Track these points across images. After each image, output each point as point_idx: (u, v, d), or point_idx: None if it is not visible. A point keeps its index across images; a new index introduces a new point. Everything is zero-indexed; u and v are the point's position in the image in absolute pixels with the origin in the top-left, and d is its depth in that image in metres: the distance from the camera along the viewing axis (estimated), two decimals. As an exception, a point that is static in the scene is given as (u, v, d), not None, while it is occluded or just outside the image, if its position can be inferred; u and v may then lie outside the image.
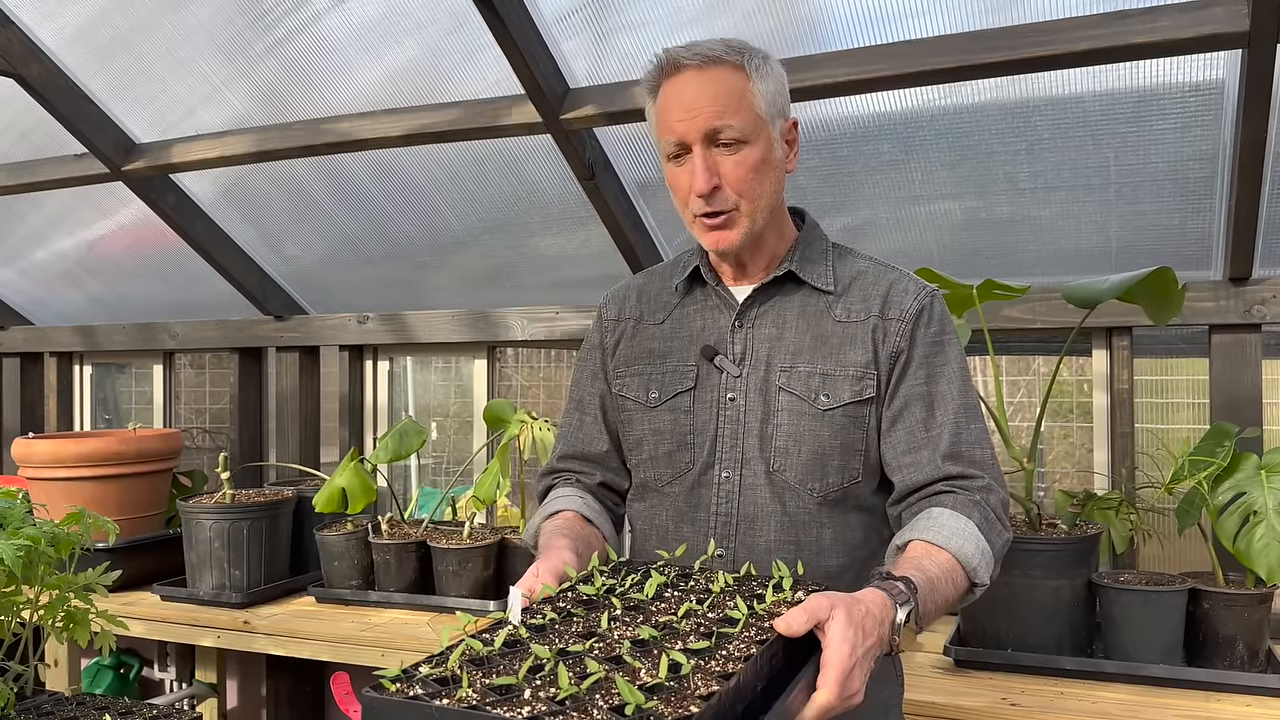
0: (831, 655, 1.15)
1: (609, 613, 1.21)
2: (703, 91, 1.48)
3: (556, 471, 1.78)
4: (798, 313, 1.59)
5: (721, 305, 1.63)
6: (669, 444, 1.61)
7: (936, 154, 2.45)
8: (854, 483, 1.54)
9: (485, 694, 0.95)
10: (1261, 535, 2.02)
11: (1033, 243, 2.60)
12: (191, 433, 4.06)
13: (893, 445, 1.54)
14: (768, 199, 1.53)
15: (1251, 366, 2.45)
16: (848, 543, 1.56)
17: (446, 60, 2.61)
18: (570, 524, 1.61)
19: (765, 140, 1.50)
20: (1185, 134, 2.24)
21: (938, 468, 1.50)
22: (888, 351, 1.54)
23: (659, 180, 2.76)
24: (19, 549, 1.55)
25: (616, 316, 1.74)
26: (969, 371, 1.59)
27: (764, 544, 1.55)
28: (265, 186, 3.19)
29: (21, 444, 3.07)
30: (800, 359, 1.55)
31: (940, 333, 1.56)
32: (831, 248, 1.64)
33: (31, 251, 3.83)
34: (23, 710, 1.59)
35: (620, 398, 1.69)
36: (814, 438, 1.53)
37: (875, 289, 1.57)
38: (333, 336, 3.61)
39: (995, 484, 1.51)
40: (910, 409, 1.53)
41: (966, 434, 1.52)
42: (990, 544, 1.44)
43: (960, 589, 1.41)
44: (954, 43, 2.14)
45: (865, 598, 1.24)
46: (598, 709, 0.92)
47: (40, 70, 2.80)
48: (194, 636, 2.79)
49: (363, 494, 2.84)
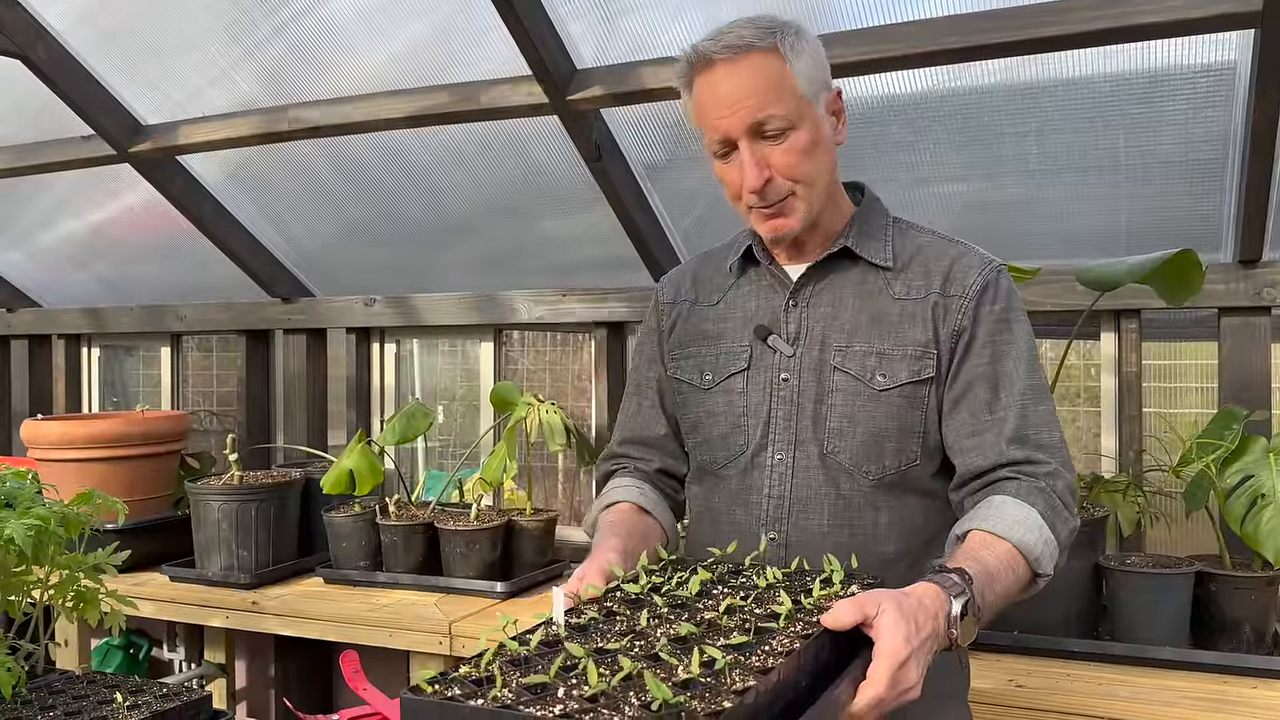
0: (884, 646, 1.12)
1: (650, 611, 1.20)
2: (739, 85, 1.44)
3: (615, 457, 1.77)
4: (854, 290, 1.54)
5: (775, 284, 1.60)
6: (723, 426, 1.58)
7: (945, 136, 2.43)
8: (911, 465, 1.50)
9: (520, 693, 0.95)
10: (1269, 518, 2.02)
11: (1042, 225, 2.59)
12: (199, 415, 4.07)
13: (955, 428, 1.49)
14: (823, 180, 1.50)
15: (1261, 349, 2.43)
16: (905, 527, 1.52)
17: (453, 42, 2.60)
18: (625, 518, 1.60)
19: (811, 121, 1.46)
20: (1196, 115, 2.23)
21: (1001, 452, 1.44)
22: (949, 330, 1.49)
23: (666, 162, 2.76)
24: (29, 529, 1.55)
25: (672, 299, 1.72)
26: (1037, 350, 1.53)
27: (816, 528, 1.51)
28: (272, 169, 3.18)
29: (31, 425, 3.08)
30: (856, 338, 1.51)
31: (1007, 310, 1.50)
32: (892, 222, 1.60)
33: (39, 234, 3.84)
34: (34, 688, 1.60)
35: (676, 380, 1.67)
36: (869, 419, 1.49)
37: (937, 264, 1.52)
38: (340, 319, 3.61)
39: (1062, 468, 1.45)
40: (973, 390, 1.48)
41: (1033, 416, 1.46)
42: (1055, 532, 1.39)
43: (1022, 580, 1.37)
44: (963, 22, 2.13)
45: (917, 591, 1.21)
46: (630, 705, 0.92)
47: (47, 51, 2.80)
48: (203, 617, 2.80)
49: (370, 476, 2.85)
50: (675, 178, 2.79)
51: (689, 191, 2.81)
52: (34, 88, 2.90)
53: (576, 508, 3.46)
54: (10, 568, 1.63)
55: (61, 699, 1.54)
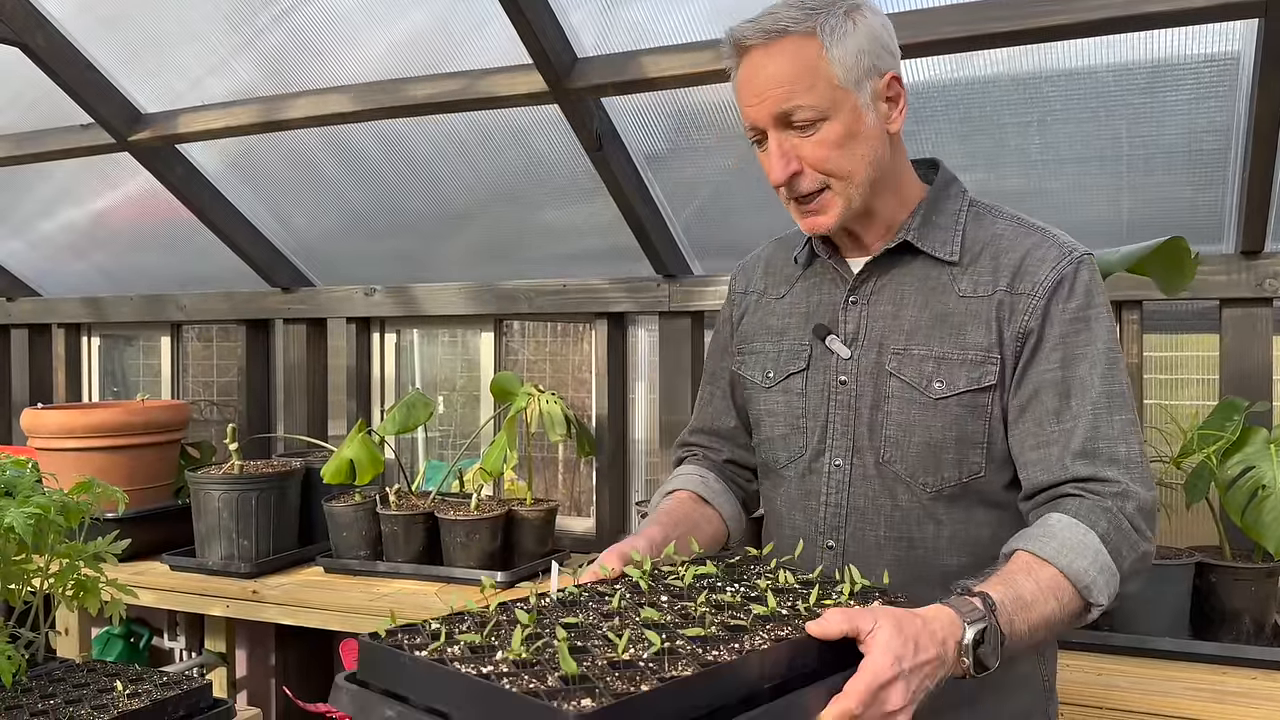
0: (869, 662, 1.06)
1: (637, 597, 1.21)
2: (770, 73, 1.36)
3: (686, 445, 1.74)
4: (917, 287, 1.44)
5: (837, 279, 1.51)
6: (783, 427, 1.53)
7: (947, 126, 2.43)
8: (975, 476, 1.40)
9: (463, 652, 1.01)
10: (1270, 509, 2.02)
11: (1044, 216, 2.55)
12: (199, 405, 4.07)
13: (1019, 438, 1.37)
14: (863, 172, 1.39)
15: (1262, 341, 2.43)
16: (971, 541, 1.42)
17: (454, 31, 2.59)
18: (678, 506, 1.58)
19: (849, 110, 1.36)
20: (1199, 106, 2.22)
21: (1065, 468, 1.33)
22: (1014, 331, 1.37)
23: (667, 152, 2.75)
24: (29, 517, 1.55)
25: (744, 289, 1.67)
26: (1119, 352, 1.38)
27: (874, 539, 1.43)
28: (272, 158, 3.17)
29: (31, 414, 3.08)
30: (915, 340, 1.41)
31: (1085, 307, 1.37)
32: (968, 207, 1.48)
33: (39, 223, 3.83)
34: (35, 676, 1.60)
35: (739, 375, 1.63)
36: (925, 429, 1.39)
37: (1008, 256, 1.40)
38: (340, 309, 3.61)
39: (1135, 486, 1.31)
40: (1040, 398, 1.36)
41: (1106, 427, 1.33)
42: (1118, 558, 1.27)
43: (1070, 608, 1.25)
44: (964, 11, 2.12)
45: (927, 613, 1.14)
46: (551, 675, 0.94)
47: (46, 39, 2.79)
48: (203, 606, 2.81)
49: (370, 465, 2.85)
50: (676, 167, 2.78)
51: (690, 181, 2.80)
52: (33, 76, 2.89)
53: (577, 498, 3.46)
54: (10, 556, 1.64)
55: (62, 687, 1.55)
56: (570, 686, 0.91)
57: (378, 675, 1.04)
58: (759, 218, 2.74)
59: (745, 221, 2.84)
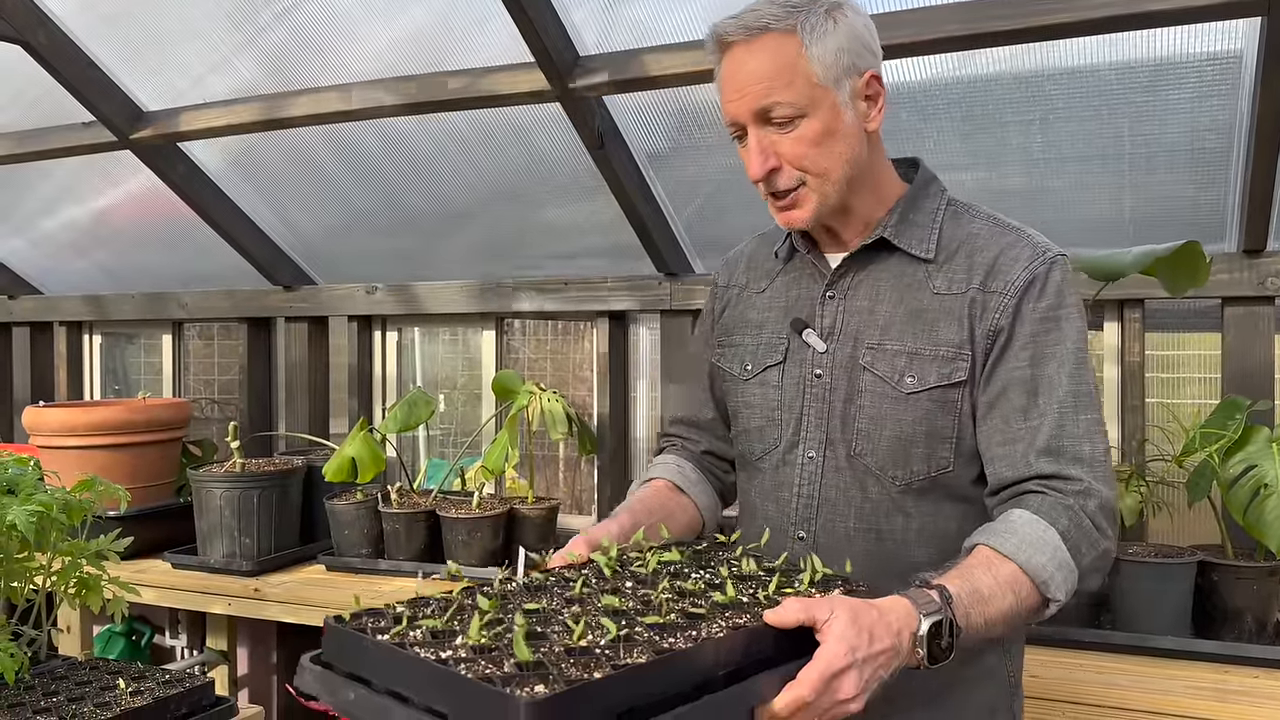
0: (823, 650, 1.08)
1: (600, 583, 1.23)
2: (750, 69, 1.39)
3: (667, 435, 1.77)
4: (893, 283, 1.46)
5: (815, 274, 1.54)
6: (759, 419, 1.55)
7: (950, 124, 2.42)
8: (943, 471, 1.42)
9: (424, 636, 1.03)
10: (1272, 508, 2.01)
11: (1046, 214, 2.58)
12: (201, 403, 4.07)
13: (986, 434, 1.40)
14: (839, 170, 1.42)
15: (1264, 339, 2.43)
16: (939, 534, 1.44)
17: (455, 28, 2.59)
18: (653, 494, 1.60)
19: (827, 108, 1.38)
20: (1201, 104, 2.22)
21: (1029, 465, 1.35)
22: (985, 329, 1.39)
23: (669, 150, 2.75)
24: (31, 515, 1.56)
25: (727, 283, 1.69)
26: (1087, 352, 1.40)
27: (844, 530, 1.46)
28: (274, 156, 3.17)
29: (33, 412, 3.08)
30: (889, 335, 1.44)
31: (1055, 307, 1.39)
32: (946, 206, 1.50)
33: (40, 221, 3.83)
34: (37, 674, 1.60)
35: (717, 368, 1.65)
36: (896, 422, 1.42)
37: (982, 255, 1.42)
38: (341, 307, 3.61)
39: (1097, 485, 1.34)
40: (1007, 395, 1.38)
41: (1071, 426, 1.36)
42: (1077, 555, 1.30)
43: (1027, 603, 1.28)
44: (966, 10, 2.12)
45: (883, 604, 1.16)
46: (508, 661, 0.96)
47: (48, 37, 2.79)
48: (205, 604, 2.81)
49: (372, 464, 2.85)
50: (678, 166, 2.78)
51: (691, 180, 2.80)
52: (35, 74, 2.89)
53: (578, 496, 3.46)
54: (13, 554, 1.64)
55: (64, 685, 1.55)
56: (525, 673, 0.93)
57: (342, 658, 1.06)
58: (760, 216, 2.71)
59: (746, 220, 2.83)
